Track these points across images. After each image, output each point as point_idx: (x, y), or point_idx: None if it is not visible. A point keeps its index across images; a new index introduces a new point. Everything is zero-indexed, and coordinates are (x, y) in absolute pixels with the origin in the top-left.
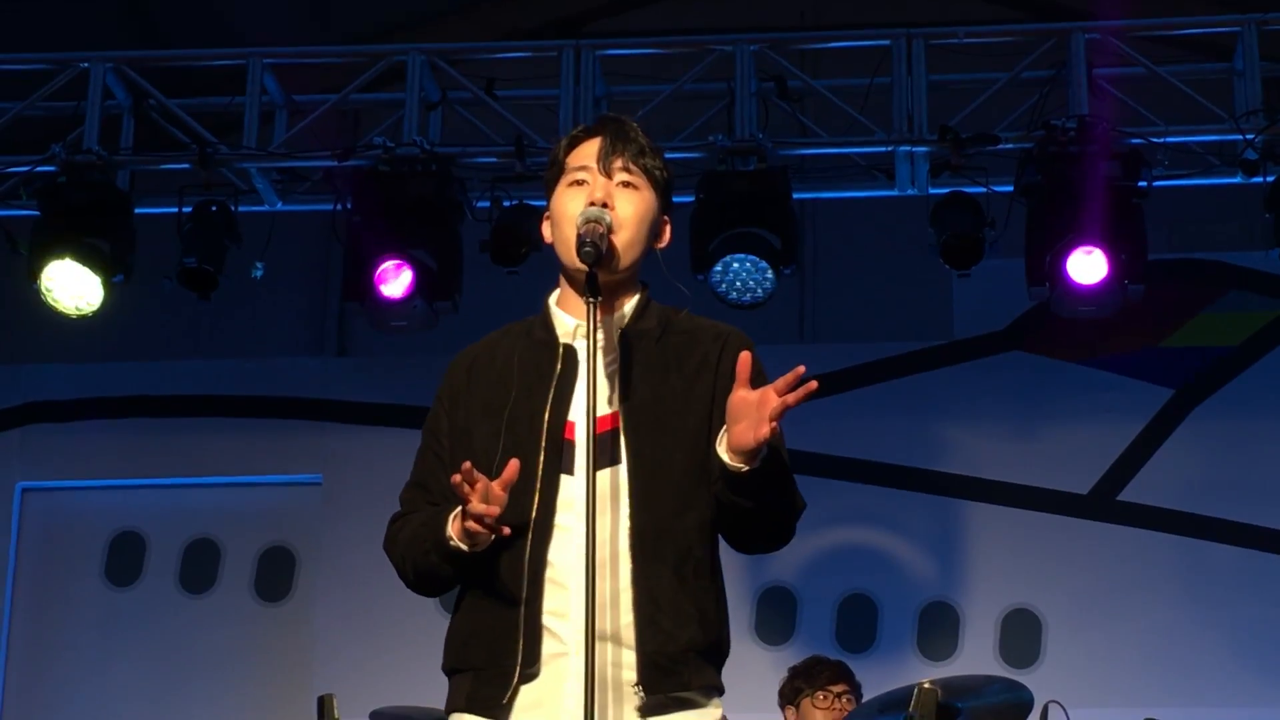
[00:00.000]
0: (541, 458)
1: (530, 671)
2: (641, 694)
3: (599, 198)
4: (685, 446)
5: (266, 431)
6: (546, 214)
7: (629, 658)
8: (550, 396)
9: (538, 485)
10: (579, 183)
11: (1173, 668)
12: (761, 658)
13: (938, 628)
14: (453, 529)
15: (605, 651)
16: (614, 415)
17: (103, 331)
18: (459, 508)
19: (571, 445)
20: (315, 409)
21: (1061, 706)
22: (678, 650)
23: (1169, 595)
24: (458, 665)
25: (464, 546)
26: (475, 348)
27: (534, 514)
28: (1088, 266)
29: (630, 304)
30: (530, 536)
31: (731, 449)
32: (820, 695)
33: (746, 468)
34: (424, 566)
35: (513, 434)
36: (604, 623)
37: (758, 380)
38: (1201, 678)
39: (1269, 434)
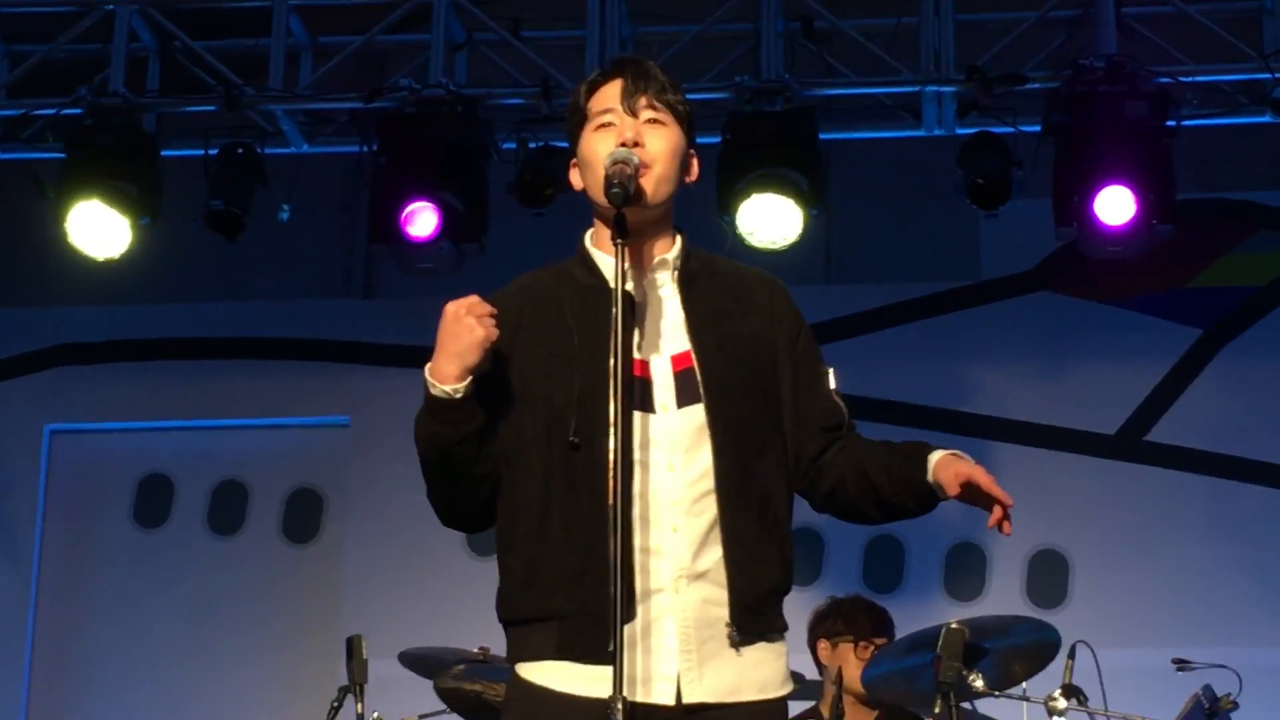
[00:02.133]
0: (616, 397)
1: (628, 613)
2: (735, 634)
3: (629, 137)
4: (758, 391)
5: (294, 373)
6: (574, 161)
7: (720, 595)
8: (614, 338)
9: (612, 425)
10: (606, 125)
11: (1200, 608)
12: (789, 598)
13: (965, 568)
14: (431, 375)
15: (698, 589)
16: (687, 354)
17: (130, 274)
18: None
19: (647, 383)
20: (342, 351)
21: (1089, 646)
22: (764, 592)
23: (1196, 535)
24: (535, 614)
25: (446, 388)
26: (512, 294)
27: (613, 455)
28: (1116, 206)
29: (675, 248)
30: (613, 476)
31: (938, 475)
32: (862, 645)
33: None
34: (430, 451)
35: (585, 379)
36: (695, 562)
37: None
38: (1229, 618)
39: None
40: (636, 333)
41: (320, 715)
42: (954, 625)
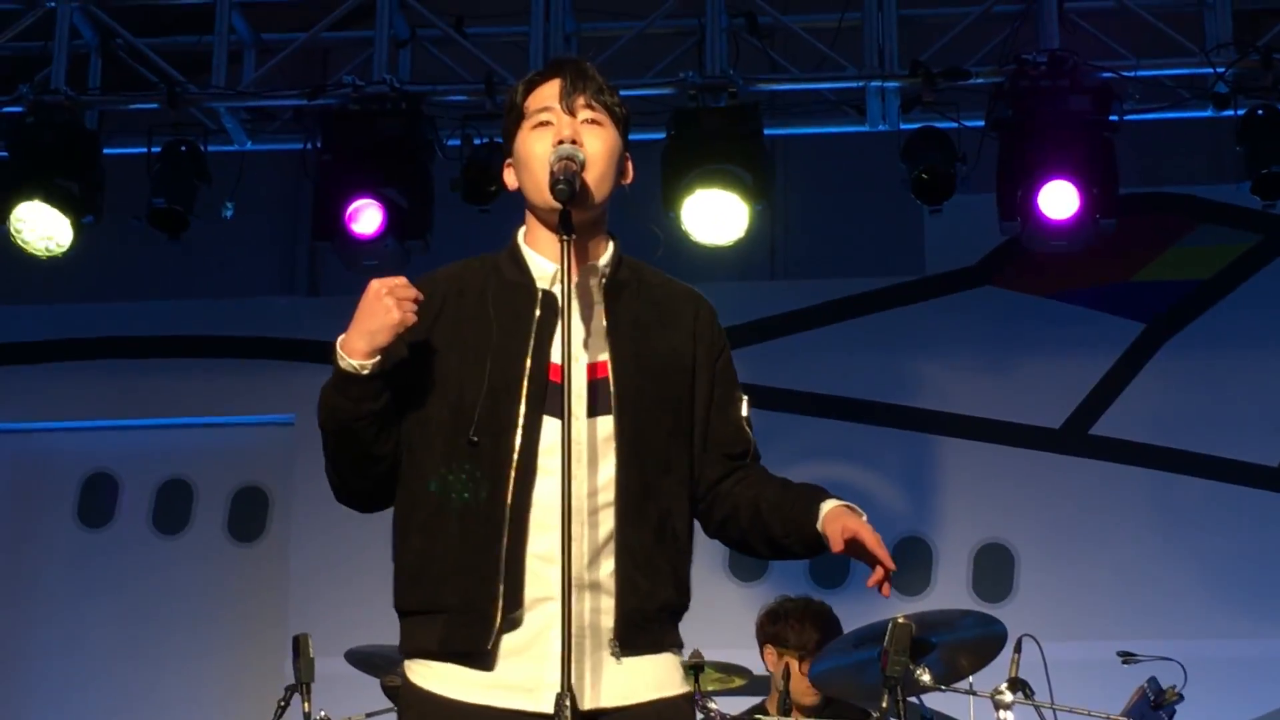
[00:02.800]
0: (524, 400)
1: (513, 616)
2: (617, 648)
3: (567, 135)
4: (669, 408)
5: (238, 372)
6: (509, 161)
7: (608, 605)
8: (532, 340)
9: (520, 426)
10: (543, 124)
11: (1144, 600)
12: (735, 594)
13: (911, 563)
14: (342, 348)
15: (589, 600)
16: (603, 364)
17: (73, 273)
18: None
19: (558, 389)
20: (287, 349)
21: (1035, 640)
22: (653, 609)
23: (1141, 528)
24: (424, 606)
25: (353, 362)
26: (439, 281)
27: (516, 455)
28: (1059, 201)
29: (607, 254)
30: (513, 477)
31: (826, 528)
32: (807, 664)
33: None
34: (330, 423)
35: (496, 376)
36: (588, 573)
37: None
38: (1173, 610)
39: (1239, 367)
40: (557, 336)
41: (267, 714)
42: (900, 620)
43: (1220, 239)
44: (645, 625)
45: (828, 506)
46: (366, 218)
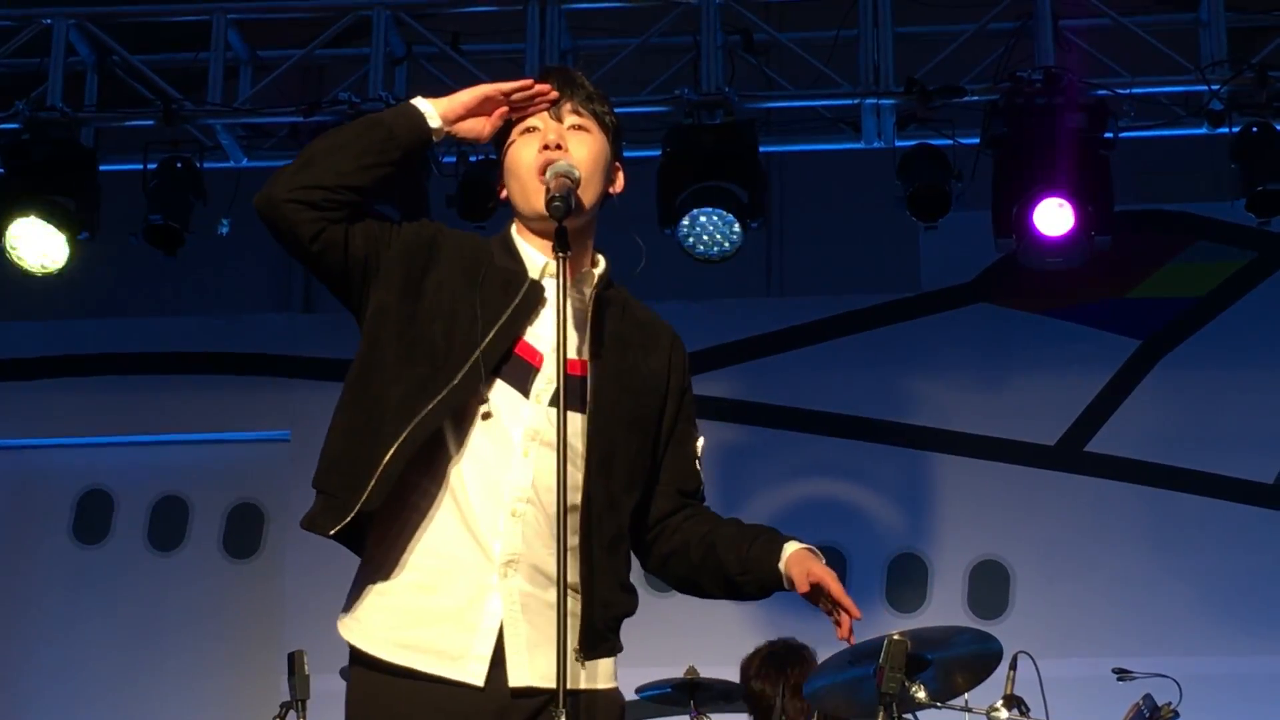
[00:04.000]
0: (480, 358)
1: (455, 589)
2: (580, 656)
3: (551, 140)
4: (639, 427)
5: (234, 388)
6: (503, 177)
7: (574, 606)
8: (507, 313)
9: (475, 385)
10: (530, 130)
11: (1140, 617)
12: (731, 613)
13: (906, 579)
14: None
15: (526, 581)
16: (581, 364)
17: (68, 289)
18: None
19: (532, 369)
20: (282, 365)
21: (1030, 656)
22: (611, 617)
23: (1136, 545)
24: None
25: (437, 123)
26: (448, 235)
27: (476, 411)
28: (1054, 218)
29: (600, 267)
30: (469, 433)
31: (790, 569)
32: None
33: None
34: (356, 146)
35: (462, 332)
36: (529, 552)
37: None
38: (1168, 627)
39: (1235, 384)
40: (534, 326)
41: None
42: (896, 636)
43: (1215, 256)
44: (604, 635)
45: (791, 548)
46: None
